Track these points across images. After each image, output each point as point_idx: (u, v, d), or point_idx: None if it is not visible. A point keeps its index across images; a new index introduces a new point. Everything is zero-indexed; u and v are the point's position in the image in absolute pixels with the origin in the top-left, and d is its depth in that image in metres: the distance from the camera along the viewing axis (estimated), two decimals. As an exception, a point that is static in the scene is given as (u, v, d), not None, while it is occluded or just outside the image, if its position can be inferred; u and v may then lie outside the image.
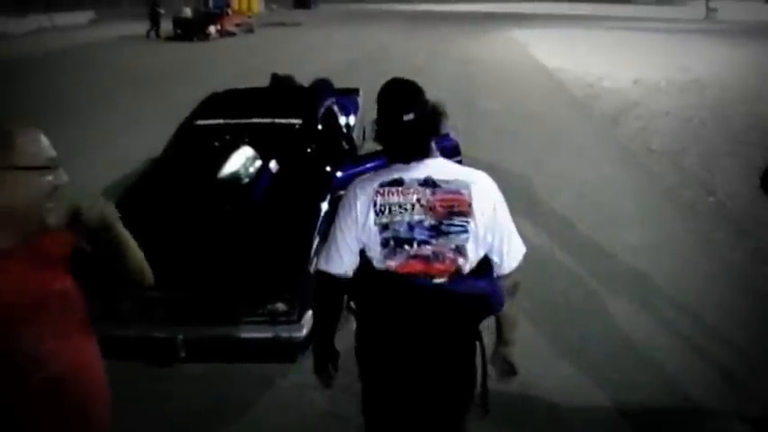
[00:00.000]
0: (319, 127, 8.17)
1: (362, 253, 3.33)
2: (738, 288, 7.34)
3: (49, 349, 2.95)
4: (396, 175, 3.27)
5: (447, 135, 8.30)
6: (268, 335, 5.53)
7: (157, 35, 38.68)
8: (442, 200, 3.18)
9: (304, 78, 11.81)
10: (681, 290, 7.21)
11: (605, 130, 15.18)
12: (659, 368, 5.79)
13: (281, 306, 5.52)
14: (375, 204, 3.23)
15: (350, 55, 28.76)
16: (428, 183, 3.22)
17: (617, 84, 20.96)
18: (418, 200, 3.19)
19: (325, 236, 6.48)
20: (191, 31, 37.53)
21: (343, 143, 8.85)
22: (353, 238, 3.30)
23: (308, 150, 7.70)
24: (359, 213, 3.26)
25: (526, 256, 3.40)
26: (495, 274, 3.33)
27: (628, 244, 8.40)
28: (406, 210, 3.19)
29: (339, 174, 7.36)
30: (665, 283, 7.35)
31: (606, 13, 64.52)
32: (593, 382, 5.62)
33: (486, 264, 3.30)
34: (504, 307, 3.38)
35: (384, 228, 3.20)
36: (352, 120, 10.36)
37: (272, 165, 7.24)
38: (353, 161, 7.86)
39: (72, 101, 18.72)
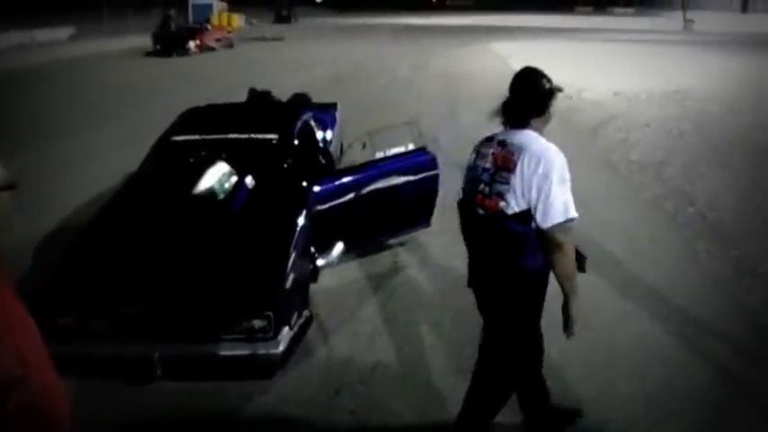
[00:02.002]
0: (296, 142, 8.13)
1: None
2: (722, 298, 7.32)
3: (19, 374, 2.89)
4: (494, 136, 4.42)
5: (423, 149, 8.32)
6: (245, 352, 5.50)
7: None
8: (502, 157, 4.19)
9: (284, 94, 11.79)
10: (663, 300, 7.18)
11: (586, 141, 15.17)
12: (643, 379, 5.76)
13: (257, 323, 5.50)
14: (474, 151, 4.55)
15: (332, 69, 28.74)
16: (502, 143, 4.26)
17: (597, 96, 21.01)
18: (492, 153, 4.28)
19: (303, 252, 6.51)
20: (170, 46, 37.41)
21: (321, 158, 8.83)
22: None
23: (285, 165, 7.65)
24: (469, 157, 4.56)
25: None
26: (533, 225, 4.07)
27: (610, 254, 8.38)
28: (484, 158, 4.34)
29: (316, 188, 7.34)
30: (648, 294, 7.34)
31: (584, 26, 64.94)
32: (573, 394, 5.58)
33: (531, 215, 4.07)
34: (554, 262, 4.17)
35: (470, 168, 4.52)
36: (329, 134, 10.34)
37: (249, 180, 7.21)
38: (331, 176, 7.85)
39: (55, 117, 18.58)
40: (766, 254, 8.43)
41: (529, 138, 4.22)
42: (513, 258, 4.19)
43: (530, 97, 4.39)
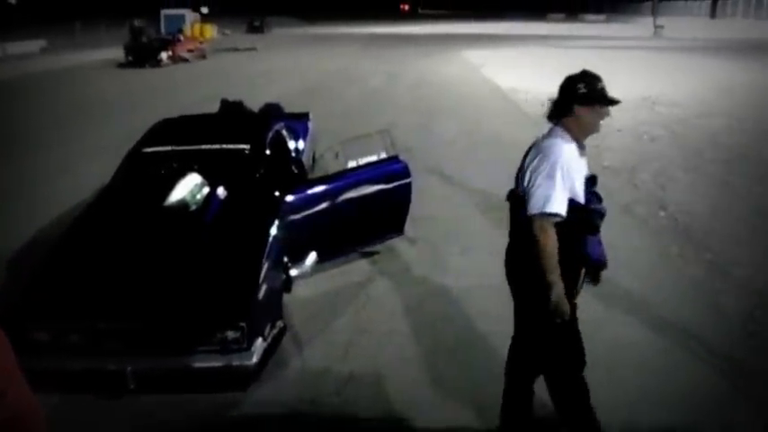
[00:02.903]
0: (268, 152, 8.10)
1: None
2: (696, 302, 7.35)
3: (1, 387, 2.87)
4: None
5: (396, 158, 8.32)
6: (218, 364, 5.48)
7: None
8: (529, 148, 4.67)
9: (257, 105, 11.77)
10: (638, 305, 7.21)
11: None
12: (620, 386, 5.77)
13: (230, 334, 5.48)
14: None
15: (304, 79, 28.74)
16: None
17: (569, 102, 21.00)
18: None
19: (276, 262, 6.49)
20: (142, 57, 37.26)
21: (293, 168, 8.81)
22: None
23: (257, 176, 7.62)
24: None
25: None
26: None
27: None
28: None
29: (288, 198, 7.33)
30: (622, 299, 7.36)
31: (556, 33, 65.26)
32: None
33: None
34: (533, 254, 4.33)
35: None
36: (301, 144, 10.31)
37: (221, 191, 7.18)
38: (303, 185, 7.84)
39: (28, 130, 18.46)
40: (739, 257, 8.49)
41: (549, 133, 4.59)
42: (521, 243, 4.55)
43: (559, 96, 4.62)
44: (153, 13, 61.69)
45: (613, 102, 4.45)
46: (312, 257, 7.33)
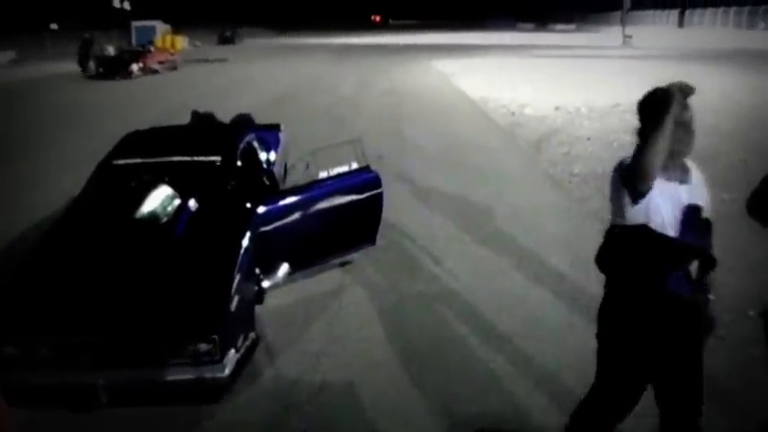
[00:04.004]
0: (239, 163, 8.10)
1: None
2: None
3: None
4: None
5: (367, 167, 8.34)
6: (191, 376, 5.47)
7: (86, 73, 38.12)
8: None
9: (229, 116, 11.76)
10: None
11: (530, 156, 15.37)
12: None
13: (202, 346, 5.48)
14: None
15: (276, 90, 28.72)
16: None
17: (539, 111, 21.22)
18: None
19: (248, 274, 6.49)
20: (113, 69, 37.07)
21: (264, 179, 8.81)
22: None
23: (228, 187, 7.61)
24: None
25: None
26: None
27: (555, 268, 8.52)
28: None
29: (260, 209, 7.33)
30: (593, 306, 7.38)
31: (526, 42, 65.57)
32: (525, 405, 5.64)
33: None
34: None
35: None
36: (273, 155, 10.30)
37: (192, 203, 7.16)
38: (275, 196, 7.84)
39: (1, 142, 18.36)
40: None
41: None
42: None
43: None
44: (124, 25, 61.60)
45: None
46: (284, 268, 7.34)
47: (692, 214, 3.93)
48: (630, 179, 3.72)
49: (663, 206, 3.85)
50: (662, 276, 3.92)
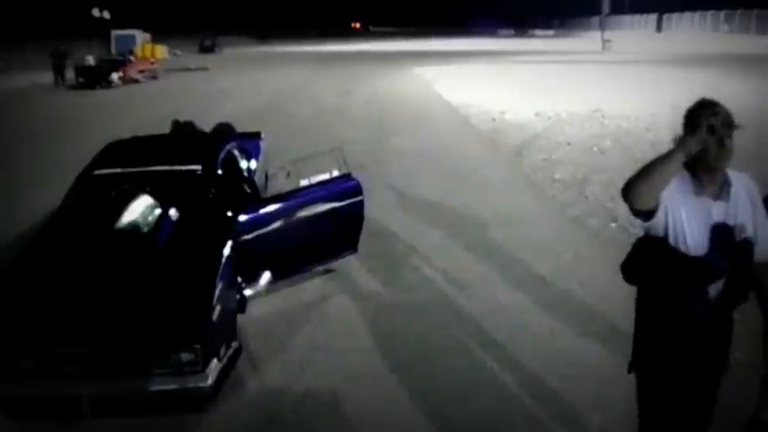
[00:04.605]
0: (220, 172, 8.09)
1: None
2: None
3: None
4: None
5: (348, 175, 8.34)
6: (174, 386, 5.47)
7: (62, 84, 37.92)
8: None
9: (210, 126, 11.75)
10: (590, 317, 7.29)
11: (511, 162, 15.42)
12: (574, 396, 5.83)
13: (185, 356, 5.47)
14: None
15: (258, 99, 28.67)
16: None
17: (519, 117, 21.31)
18: None
19: (229, 283, 6.49)
20: (93, 78, 36.93)
21: (245, 187, 8.80)
22: None
23: (209, 196, 7.60)
24: None
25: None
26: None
27: (537, 274, 8.53)
28: None
29: (241, 218, 7.32)
30: (575, 312, 7.44)
31: (506, 48, 65.84)
32: (507, 409, 5.65)
33: None
34: None
35: None
36: (253, 164, 10.28)
37: (173, 212, 7.13)
38: (256, 205, 7.83)
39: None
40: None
41: None
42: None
43: None
44: (104, 35, 61.37)
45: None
46: (266, 277, 7.33)
47: (721, 233, 3.63)
48: (623, 197, 3.64)
49: (688, 223, 3.61)
50: (679, 296, 3.73)
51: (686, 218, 3.61)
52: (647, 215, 3.62)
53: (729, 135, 3.50)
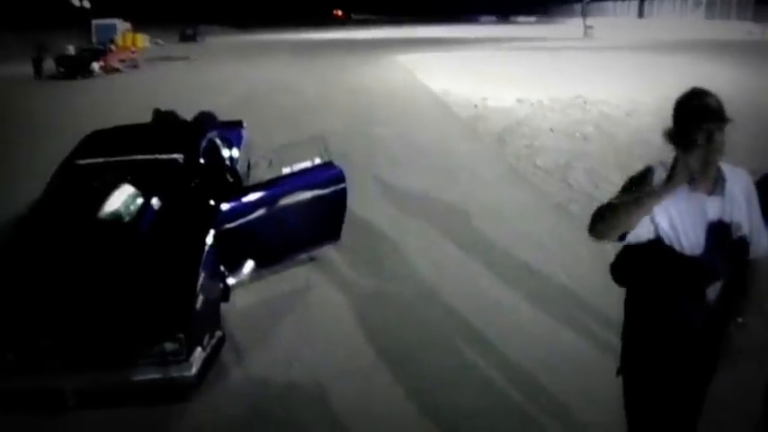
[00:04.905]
0: (202, 161, 8.06)
1: None
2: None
3: None
4: None
5: (330, 163, 8.32)
6: (158, 376, 5.47)
7: (42, 75, 37.61)
8: None
9: (191, 114, 11.68)
10: (575, 304, 7.32)
11: (493, 149, 15.42)
12: (562, 386, 5.84)
13: (169, 346, 5.47)
14: None
15: (240, 88, 28.54)
16: None
17: (501, 103, 21.36)
18: None
19: (212, 272, 6.47)
20: (74, 68, 36.71)
21: (228, 176, 8.77)
22: None
23: (191, 185, 7.57)
24: None
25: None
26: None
27: (521, 261, 8.55)
28: None
29: (224, 207, 7.29)
30: (560, 299, 7.45)
31: (488, 35, 65.77)
32: (496, 400, 5.66)
33: None
34: None
35: None
36: (235, 152, 10.23)
37: (155, 201, 7.12)
38: (238, 193, 7.80)
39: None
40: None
41: None
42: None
43: None
44: (84, 24, 60.94)
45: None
46: (249, 266, 7.33)
47: (718, 231, 3.47)
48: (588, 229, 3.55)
49: (682, 221, 3.45)
50: (672, 298, 3.56)
51: (679, 216, 3.44)
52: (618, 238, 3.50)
53: (721, 128, 3.32)
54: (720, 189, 3.46)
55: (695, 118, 3.31)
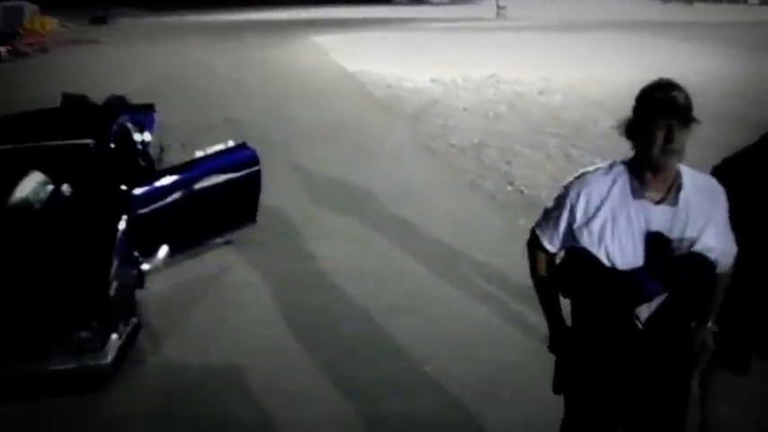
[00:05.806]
0: (112, 145, 7.93)
1: None
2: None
3: None
4: None
5: (244, 144, 8.28)
6: (72, 365, 5.39)
7: None
8: None
9: (102, 98, 11.49)
10: (489, 279, 7.48)
11: (408, 128, 15.53)
12: (475, 358, 5.93)
13: (83, 334, 5.40)
14: None
15: (152, 72, 27.90)
16: None
17: (416, 84, 21.47)
18: None
19: (126, 258, 6.39)
20: (-21, 53, 35.72)
21: (140, 160, 8.66)
22: None
23: (102, 170, 7.45)
24: None
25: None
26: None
27: (436, 238, 8.68)
28: None
29: (136, 191, 7.21)
30: (474, 274, 7.57)
31: (402, 16, 65.77)
32: (411, 374, 5.74)
33: None
34: None
35: None
36: (147, 136, 10.07)
37: (65, 188, 7.01)
38: (151, 178, 7.71)
39: None
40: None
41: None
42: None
43: None
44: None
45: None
46: (164, 251, 7.27)
47: (659, 244, 3.07)
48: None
49: (616, 231, 3.10)
50: (600, 316, 3.27)
51: (614, 225, 3.09)
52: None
53: (682, 127, 2.95)
54: (673, 198, 3.07)
55: (655, 112, 2.95)
